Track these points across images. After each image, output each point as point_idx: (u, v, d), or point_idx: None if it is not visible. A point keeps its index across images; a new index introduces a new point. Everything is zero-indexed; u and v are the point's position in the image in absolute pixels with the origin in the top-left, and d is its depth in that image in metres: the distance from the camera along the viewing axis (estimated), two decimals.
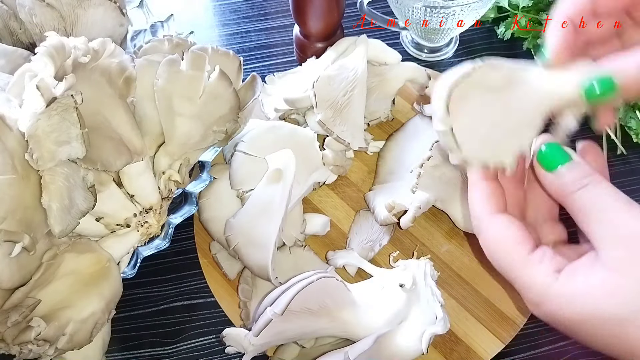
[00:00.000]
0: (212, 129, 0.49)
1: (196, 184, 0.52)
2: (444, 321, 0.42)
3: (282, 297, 0.42)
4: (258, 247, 0.47)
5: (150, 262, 0.54)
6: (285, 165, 0.47)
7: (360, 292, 0.46)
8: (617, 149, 0.61)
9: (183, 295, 0.54)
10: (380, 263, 0.53)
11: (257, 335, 0.41)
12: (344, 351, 0.41)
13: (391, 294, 0.45)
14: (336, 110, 0.52)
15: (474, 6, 0.59)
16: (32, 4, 0.49)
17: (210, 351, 0.52)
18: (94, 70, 0.43)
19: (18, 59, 0.48)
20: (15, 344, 0.39)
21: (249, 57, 0.72)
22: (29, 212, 0.38)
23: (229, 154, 0.55)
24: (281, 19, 0.76)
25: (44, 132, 0.38)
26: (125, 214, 0.47)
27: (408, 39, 0.72)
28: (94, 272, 0.45)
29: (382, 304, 0.45)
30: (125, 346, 0.52)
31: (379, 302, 0.45)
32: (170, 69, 0.47)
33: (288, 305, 0.40)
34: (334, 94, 0.52)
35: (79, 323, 0.42)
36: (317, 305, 0.43)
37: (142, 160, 0.46)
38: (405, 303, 0.44)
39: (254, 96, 0.51)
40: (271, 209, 0.47)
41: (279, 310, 0.40)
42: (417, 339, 0.42)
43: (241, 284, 0.51)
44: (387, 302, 0.44)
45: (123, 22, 0.55)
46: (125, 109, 0.45)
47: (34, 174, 0.38)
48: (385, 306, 0.44)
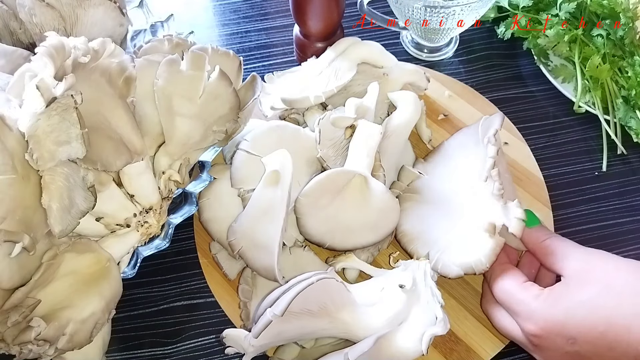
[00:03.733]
0: (212, 129, 0.49)
1: (196, 184, 0.52)
2: (444, 322, 0.42)
3: (282, 298, 0.42)
4: (262, 250, 0.47)
5: (150, 262, 0.54)
6: (282, 166, 0.47)
7: (360, 293, 0.46)
8: (617, 149, 0.62)
9: (183, 296, 0.54)
10: (381, 264, 0.53)
11: (257, 337, 0.41)
12: (344, 352, 0.41)
13: (391, 295, 0.45)
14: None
15: (474, 6, 0.59)
16: (32, 4, 0.49)
17: (210, 351, 0.52)
18: (94, 70, 0.43)
19: (18, 59, 0.48)
20: (15, 344, 0.39)
21: (249, 57, 0.72)
22: (29, 212, 0.38)
23: (229, 154, 0.55)
24: (281, 19, 0.76)
25: (43, 132, 0.38)
26: (125, 214, 0.47)
27: (408, 39, 0.72)
28: (94, 272, 0.45)
29: (382, 305, 0.44)
30: (125, 346, 0.52)
31: (379, 302, 0.45)
32: (170, 69, 0.47)
33: (288, 306, 0.40)
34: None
35: (79, 323, 0.42)
36: (317, 307, 0.43)
37: (142, 160, 0.46)
38: (405, 304, 0.44)
39: (254, 96, 0.51)
40: (272, 210, 0.47)
41: (278, 311, 0.40)
42: (417, 339, 0.42)
43: (241, 284, 0.51)
44: (387, 303, 0.44)
45: (123, 22, 0.55)
46: (125, 109, 0.45)
47: (34, 174, 0.38)
48: (385, 307, 0.44)
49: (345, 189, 0.49)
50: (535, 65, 0.67)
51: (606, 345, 0.39)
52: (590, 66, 0.62)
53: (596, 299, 0.40)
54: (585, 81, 0.63)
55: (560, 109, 0.65)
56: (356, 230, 0.50)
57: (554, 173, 0.61)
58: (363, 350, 0.40)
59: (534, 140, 0.62)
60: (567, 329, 0.40)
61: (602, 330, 0.39)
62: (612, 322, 0.39)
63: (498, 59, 0.70)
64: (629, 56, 0.63)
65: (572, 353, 0.40)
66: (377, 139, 0.50)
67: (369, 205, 0.49)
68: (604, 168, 0.61)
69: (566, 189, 0.60)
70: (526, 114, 0.65)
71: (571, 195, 0.59)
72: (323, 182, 0.49)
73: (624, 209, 0.58)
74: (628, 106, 0.62)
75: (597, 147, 0.63)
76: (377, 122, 0.53)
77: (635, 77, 0.61)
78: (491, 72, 0.69)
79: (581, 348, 0.40)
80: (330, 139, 0.52)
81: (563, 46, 0.64)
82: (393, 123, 0.54)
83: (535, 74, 0.68)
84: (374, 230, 0.50)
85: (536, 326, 0.41)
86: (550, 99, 0.66)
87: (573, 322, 0.40)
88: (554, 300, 0.41)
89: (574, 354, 0.40)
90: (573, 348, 0.40)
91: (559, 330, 0.40)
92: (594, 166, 0.61)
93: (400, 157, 0.57)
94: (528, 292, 0.42)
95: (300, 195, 0.49)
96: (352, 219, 0.50)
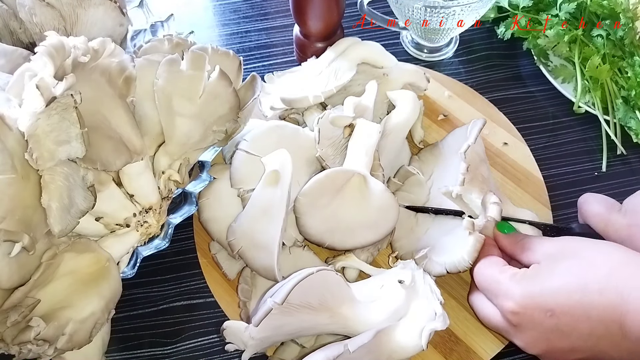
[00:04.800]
0: (212, 129, 0.49)
1: (196, 184, 0.52)
2: (443, 317, 0.42)
3: (282, 288, 0.42)
4: (262, 250, 0.47)
5: (150, 262, 0.54)
6: (281, 166, 0.47)
7: (360, 290, 0.46)
8: (617, 149, 0.62)
9: (183, 295, 0.54)
10: (380, 263, 0.53)
11: (257, 325, 0.41)
12: (343, 343, 0.41)
13: (391, 291, 0.45)
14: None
15: (474, 6, 0.59)
16: (32, 4, 0.49)
17: (210, 351, 0.52)
18: (94, 70, 0.43)
19: (18, 59, 0.48)
20: (15, 344, 0.39)
21: (249, 57, 0.72)
22: (29, 212, 0.38)
23: (228, 154, 0.55)
24: (281, 19, 0.76)
25: (43, 132, 0.38)
26: (124, 214, 0.47)
27: (408, 39, 0.72)
28: (93, 272, 0.45)
29: (382, 301, 0.45)
30: (125, 346, 0.52)
31: (379, 298, 0.45)
32: (170, 69, 0.47)
33: (288, 294, 0.40)
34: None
35: (79, 323, 0.42)
36: (317, 300, 0.43)
37: (141, 160, 0.46)
38: (405, 300, 0.44)
39: (254, 96, 0.51)
40: (272, 210, 0.47)
41: (279, 299, 0.40)
42: (416, 335, 0.42)
43: (241, 284, 0.51)
44: (386, 299, 0.44)
45: (123, 22, 0.55)
46: (125, 109, 0.45)
47: (34, 173, 0.38)
48: (385, 302, 0.44)
49: (344, 188, 0.49)
50: (535, 66, 0.67)
51: (583, 312, 0.39)
52: (590, 66, 0.62)
53: (569, 269, 0.41)
54: (585, 81, 0.63)
55: (560, 109, 0.65)
56: (356, 229, 0.50)
57: (554, 173, 0.61)
58: (362, 342, 0.40)
59: (534, 141, 0.62)
60: (545, 301, 0.41)
61: (578, 298, 0.40)
62: (587, 287, 0.39)
63: (498, 59, 0.70)
64: (629, 56, 0.63)
65: (552, 328, 0.41)
66: (375, 138, 0.51)
67: (368, 204, 0.49)
68: (604, 168, 0.61)
69: (566, 189, 0.60)
70: (526, 114, 0.65)
71: (571, 195, 0.59)
72: (322, 181, 0.49)
73: None
74: (628, 106, 0.62)
75: (597, 147, 0.63)
76: (376, 121, 0.53)
77: (635, 77, 0.61)
78: (491, 72, 0.69)
79: (559, 320, 0.40)
80: (329, 138, 0.52)
81: (563, 46, 0.64)
82: (392, 122, 0.55)
83: (535, 74, 0.68)
84: (374, 229, 0.50)
85: (514, 302, 0.41)
86: (550, 99, 0.66)
87: (549, 293, 0.41)
88: (530, 276, 0.42)
89: (553, 329, 0.41)
90: (552, 321, 0.40)
91: (536, 304, 0.41)
92: (593, 166, 0.61)
93: (398, 155, 0.57)
94: (505, 273, 0.43)
95: (300, 194, 0.49)
96: (352, 218, 0.50)
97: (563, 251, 0.43)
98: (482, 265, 0.46)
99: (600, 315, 0.39)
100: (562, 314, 0.40)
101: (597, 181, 0.60)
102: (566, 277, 0.41)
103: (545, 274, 0.42)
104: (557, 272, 0.41)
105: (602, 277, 0.40)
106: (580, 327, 0.40)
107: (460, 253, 0.46)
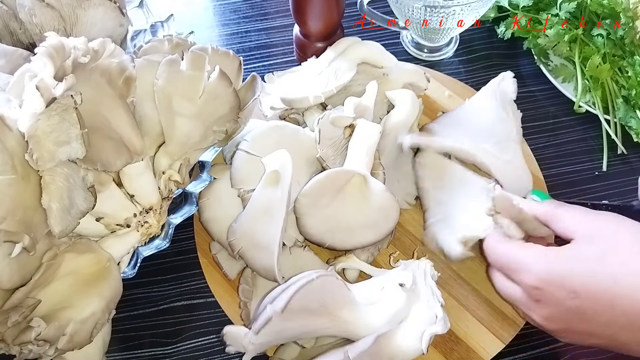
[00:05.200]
0: (212, 129, 0.49)
1: (196, 184, 0.52)
2: (444, 321, 0.42)
3: (282, 295, 0.42)
4: (262, 250, 0.47)
5: (150, 262, 0.54)
6: (282, 166, 0.47)
7: (361, 292, 0.46)
8: (617, 149, 0.62)
9: (183, 295, 0.54)
10: (381, 263, 0.54)
11: (257, 334, 0.41)
12: (343, 350, 0.41)
13: (391, 294, 0.45)
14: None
15: (474, 6, 0.59)
16: (32, 4, 0.49)
17: (210, 351, 0.52)
18: (94, 70, 0.43)
19: (18, 59, 0.48)
20: (16, 344, 0.39)
21: (249, 57, 0.72)
22: (29, 213, 0.38)
23: (229, 154, 0.55)
24: (281, 19, 0.76)
25: (43, 133, 0.38)
26: (125, 214, 0.47)
27: (408, 38, 0.72)
28: (94, 272, 0.45)
29: (382, 304, 0.45)
30: (126, 346, 0.52)
31: (379, 301, 0.45)
32: (170, 69, 0.47)
33: (288, 303, 0.40)
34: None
35: (79, 323, 0.42)
36: (318, 304, 0.43)
37: (142, 160, 0.46)
38: (405, 302, 0.44)
39: (254, 96, 0.51)
40: (272, 210, 0.47)
41: (279, 308, 0.40)
42: (417, 338, 0.42)
43: (241, 284, 0.51)
44: (387, 302, 0.44)
45: (123, 22, 0.55)
46: (125, 109, 0.45)
47: (34, 174, 0.38)
48: (386, 306, 0.44)
49: (344, 188, 0.49)
50: (535, 65, 0.67)
51: (608, 301, 0.38)
52: (590, 66, 0.62)
53: (603, 256, 0.39)
54: (586, 81, 0.63)
55: (560, 109, 0.65)
56: (356, 229, 0.50)
57: (554, 173, 0.61)
58: (363, 349, 0.40)
59: (534, 140, 0.62)
60: (571, 281, 0.39)
61: (607, 287, 0.38)
62: (618, 277, 0.38)
63: (498, 59, 0.70)
64: (629, 56, 0.63)
65: (573, 309, 0.39)
66: (376, 138, 0.51)
67: (368, 204, 0.49)
68: (604, 168, 0.61)
69: (566, 189, 0.60)
70: (526, 114, 0.65)
71: (571, 195, 0.59)
72: (323, 181, 0.49)
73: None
74: (628, 106, 0.62)
75: (597, 147, 0.63)
76: (376, 122, 0.53)
77: (635, 76, 0.61)
78: (491, 72, 0.69)
79: (582, 303, 0.39)
80: (329, 139, 0.52)
81: (563, 46, 0.64)
82: (391, 121, 0.55)
83: (535, 74, 0.67)
84: (374, 229, 0.50)
85: (537, 278, 0.40)
86: (550, 99, 0.66)
87: (578, 276, 0.39)
88: (558, 254, 0.41)
89: (575, 311, 0.40)
90: (574, 303, 0.39)
91: (560, 282, 0.40)
92: (594, 166, 0.61)
93: (398, 155, 0.57)
94: (529, 250, 0.42)
95: (300, 195, 0.49)
96: (352, 219, 0.50)
97: (599, 233, 0.41)
98: (492, 242, 0.45)
99: (625, 307, 0.38)
100: (586, 298, 0.39)
101: (597, 181, 0.60)
102: (597, 263, 0.39)
103: (575, 254, 0.40)
104: (588, 256, 0.40)
105: (636, 271, 0.38)
106: (602, 314, 0.39)
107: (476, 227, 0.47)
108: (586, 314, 0.39)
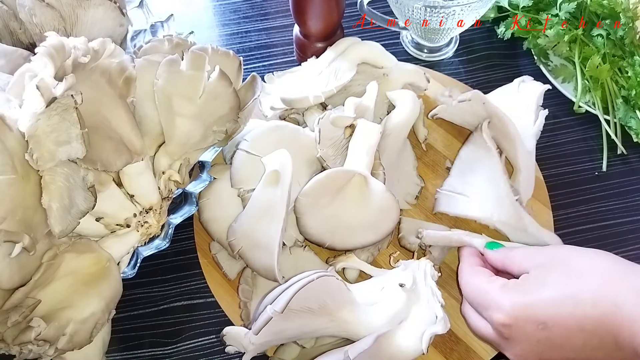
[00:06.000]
0: (212, 129, 0.49)
1: (196, 184, 0.52)
2: (444, 321, 0.42)
3: (282, 295, 0.42)
4: (262, 250, 0.47)
5: (150, 262, 0.54)
6: (282, 166, 0.47)
7: (361, 292, 0.46)
8: (617, 149, 0.62)
9: (183, 296, 0.54)
10: (381, 264, 0.53)
11: (257, 334, 0.41)
12: (343, 350, 0.41)
13: (391, 294, 0.45)
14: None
15: (474, 6, 0.59)
16: (32, 4, 0.49)
17: (210, 351, 0.52)
18: (94, 70, 0.43)
19: (18, 59, 0.48)
20: (16, 344, 0.40)
21: (249, 57, 0.72)
22: (29, 212, 0.38)
23: (229, 154, 0.55)
24: (281, 19, 0.76)
25: (43, 132, 0.38)
26: (125, 214, 0.47)
27: (408, 38, 0.72)
28: (94, 272, 0.45)
29: (382, 304, 0.45)
30: (125, 346, 0.52)
31: (379, 301, 0.45)
32: (170, 69, 0.47)
33: (288, 303, 0.40)
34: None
35: (79, 323, 0.42)
36: (317, 305, 0.43)
37: (142, 160, 0.46)
38: (406, 303, 0.44)
39: (254, 96, 0.51)
40: (272, 210, 0.47)
41: (279, 308, 0.40)
42: (417, 338, 0.42)
43: (241, 284, 0.51)
44: (387, 302, 0.44)
45: (123, 22, 0.55)
46: (125, 109, 0.45)
47: (34, 174, 0.38)
48: (386, 306, 0.44)
49: (345, 188, 0.49)
50: (535, 65, 0.67)
51: (576, 324, 0.38)
52: (590, 66, 0.62)
53: (561, 279, 0.40)
54: (585, 81, 0.63)
55: (561, 108, 0.65)
56: (356, 229, 0.50)
57: (554, 173, 0.61)
58: (363, 349, 0.40)
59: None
60: (536, 312, 0.39)
61: (571, 310, 0.39)
62: (579, 298, 0.39)
63: (498, 59, 0.70)
64: (629, 56, 0.63)
65: (544, 340, 0.39)
66: (376, 138, 0.51)
67: (368, 204, 0.49)
68: (604, 168, 0.61)
69: (566, 189, 0.60)
70: None
71: (571, 195, 0.59)
72: (323, 181, 0.49)
73: (624, 209, 0.58)
74: (628, 106, 0.62)
75: (597, 147, 0.63)
76: (376, 122, 0.53)
77: (635, 77, 0.61)
78: (491, 72, 0.69)
79: (551, 333, 0.39)
80: (329, 139, 0.52)
81: (563, 46, 0.64)
82: (392, 122, 0.55)
83: (535, 74, 0.67)
84: (374, 229, 0.50)
85: (505, 314, 0.40)
86: (550, 98, 0.66)
87: (541, 305, 0.40)
88: (520, 287, 0.41)
89: (545, 342, 0.40)
90: (544, 334, 0.39)
91: (527, 316, 0.40)
92: (594, 166, 0.61)
93: (399, 156, 0.57)
94: (494, 284, 0.43)
95: (300, 195, 0.49)
96: (352, 219, 0.50)
97: (552, 260, 0.42)
98: (467, 275, 0.45)
99: (594, 326, 0.38)
100: (554, 326, 0.39)
101: (597, 181, 0.60)
102: (556, 287, 0.40)
103: (535, 284, 0.41)
104: (547, 282, 0.40)
105: (594, 287, 0.39)
106: (573, 339, 0.39)
107: None
108: (557, 343, 0.39)
